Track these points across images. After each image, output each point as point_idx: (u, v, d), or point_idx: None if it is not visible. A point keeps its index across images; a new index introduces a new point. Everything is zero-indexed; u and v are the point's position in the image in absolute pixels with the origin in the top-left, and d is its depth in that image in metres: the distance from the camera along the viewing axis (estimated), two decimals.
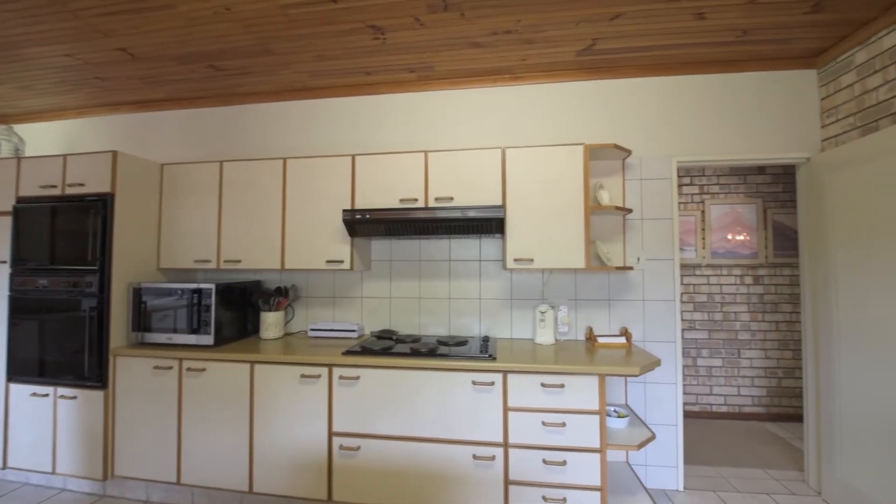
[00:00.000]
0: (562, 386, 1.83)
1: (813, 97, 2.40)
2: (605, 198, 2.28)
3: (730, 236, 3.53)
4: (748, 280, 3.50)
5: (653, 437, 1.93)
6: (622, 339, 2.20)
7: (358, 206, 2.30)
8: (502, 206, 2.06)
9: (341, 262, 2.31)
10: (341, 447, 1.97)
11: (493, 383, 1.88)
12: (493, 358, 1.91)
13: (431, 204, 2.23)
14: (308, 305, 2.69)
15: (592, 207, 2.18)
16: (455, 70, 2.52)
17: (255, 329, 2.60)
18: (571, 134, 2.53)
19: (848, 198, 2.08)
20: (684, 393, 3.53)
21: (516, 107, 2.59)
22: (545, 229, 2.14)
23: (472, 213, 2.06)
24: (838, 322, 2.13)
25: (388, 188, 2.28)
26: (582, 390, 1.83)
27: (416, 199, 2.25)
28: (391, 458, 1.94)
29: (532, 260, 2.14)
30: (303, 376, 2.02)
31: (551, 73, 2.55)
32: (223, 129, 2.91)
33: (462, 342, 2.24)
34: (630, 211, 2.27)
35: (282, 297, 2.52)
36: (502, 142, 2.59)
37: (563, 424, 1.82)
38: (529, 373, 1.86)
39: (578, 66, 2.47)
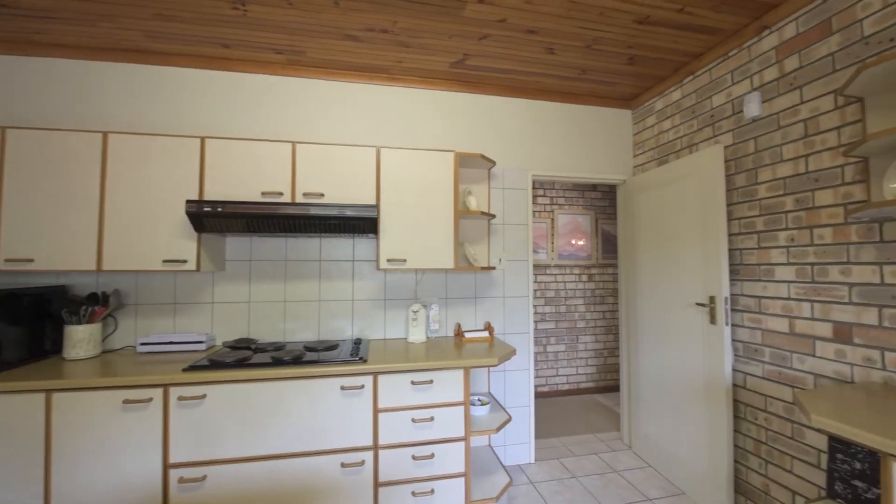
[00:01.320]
0: (430, 382, 1.90)
1: (629, 132, 3.01)
2: (473, 203, 2.45)
3: (573, 241, 4.18)
4: (584, 278, 4.20)
5: (510, 420, 2.16)
6: (485, 333, 2.41)
7: (208, 196, 2.00)
8: (376, 206, 2.04)
9: (184, 261, 1.97)
10: (181, 480, 1.68)
11: (362, 386, 1.84)
12: (363, 360, 1.88)
13: (300, 199, 2.07)
14: (139, 315, 2.22)
15: (461, 211, 2.32)
16: (329, 60, 2.40)
17: (59, 347, 2.03)
18: (443, 140, 2.66)
19: (648, 214, 2.66)
20: (536, 377, 4.05)
21: (393, 108, 2.60)
22: (418, 231, 2.20)
23: (350, 213, 1.99)
24: (641, 309, 2.72)
25: (247, 179, 2.04)
26: (449, 384, 1.93)
27: (281, 193, 2.06)
28: (247, 482, 1.73)
29: (405, 260, 2.17)
30: (126, 402, 1.65)
31: (427, 79, 2.63)
32: (9, 86, 2.20)
33: (332, 346, 2.14)
34: (494, 216, 2.49)
35: (98, 305, 2.02)
36: (377, 141, 2.56)
37: (432, 419, 1.89)
38: (400, 372, 1.88)
39: (452, 77, 2.61)
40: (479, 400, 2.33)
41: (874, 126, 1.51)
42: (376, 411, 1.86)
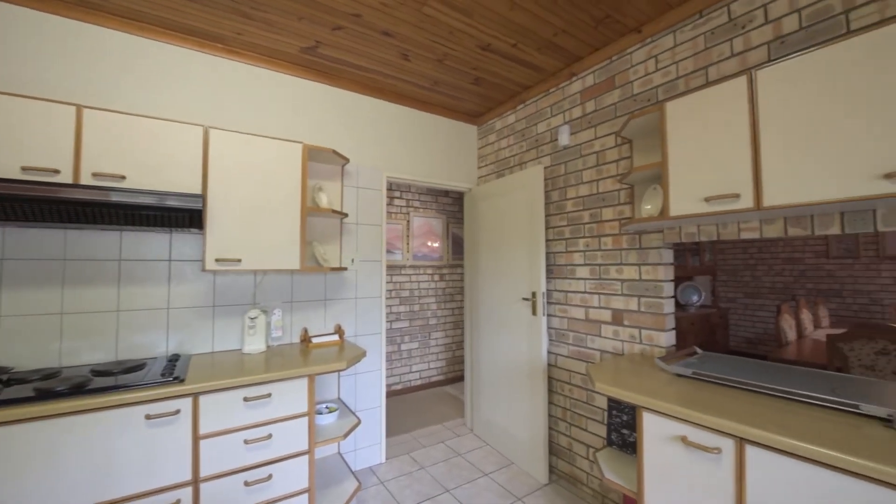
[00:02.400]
0: (268, 395, 1.71)
1: (474, 145, 3.32)
2: (324, 200, 2.33)
3: (427, 243, 4.39)
4: (436, 277, 4.47)
5: (359, 423, 2.12)
6: (335, 337, 2.31)
7: None
8: (202, 196, 1.74)
9: None
10: None
11: (177, 411, 1.53)
12: (179, 380, 1.57)
13: (87, 180, 1.61)
14: None
15: (310, 209, 2.17)
16: (143, 12, 1.94)
17: None
18: (293, 131, 2.45)
19: (488, 220, 2.99)
20: (391, 375, 4.10)
21: (232, 86, 2.27)
22: (258, 227, 1.96)
23: (173, 202, 1.63)
24: (482, 305, 3.03)
25: None
26: (291, 395, 1.78)
27: (56, 171, 1.56)
28: None
29: (240, 260, 1.91)
30: None
31: (274, 60, 2.38)
32: None
33: (136, 367, 1.73)
34: (346, 215, 2.42)
35: None
36: (211, 120, 2.20)
37: (270, 437, 1.71)
38: (229, 389, 1.64)
39: (305, 63, 2.42)
40: (327, 408, 2.21)
41: (638, 162, 2.03)
42: (197, 439, 1.57)
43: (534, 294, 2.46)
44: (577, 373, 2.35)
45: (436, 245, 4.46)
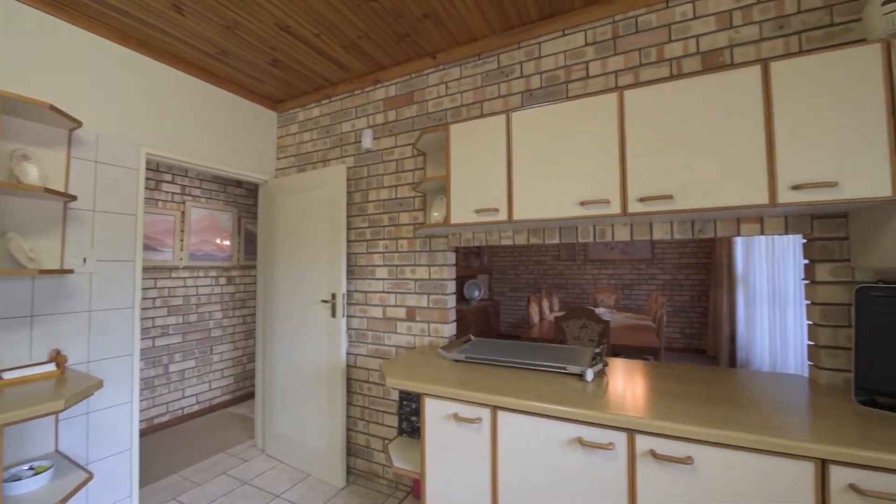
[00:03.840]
0: None
1: (273, 134, 3.01)
2: (33, 174, 1.65)
3: (212, 239, 3.71)
4: (222, 280, 3.83)
5: (89, 479, 1.58)
6: (50, 367, 1.66)
7: None
8: None
9: None
10: None
11: None
12: None
13: None
14: None
15: (5, 184, 1.50)
16: None
17: None
18: None
19: (287, 217, 2.76)
20: (153, 405, 3.27)
21: None
22: None
23: None
24: (278, 309, 2.77)
25: None
26: None
27: None
28: None
29: None
30: None
31: None
32: None
33: None
34: (75, 198, 1.78)
35: None
36: None
37: None
38: None
39: None
40: (31, 468, 1.57)
41: (430, 173, 2.25)
42: None
43: (333, 296, 2.41)
44: (375, 370, 2.43)
45: (224, 243, 3.82)
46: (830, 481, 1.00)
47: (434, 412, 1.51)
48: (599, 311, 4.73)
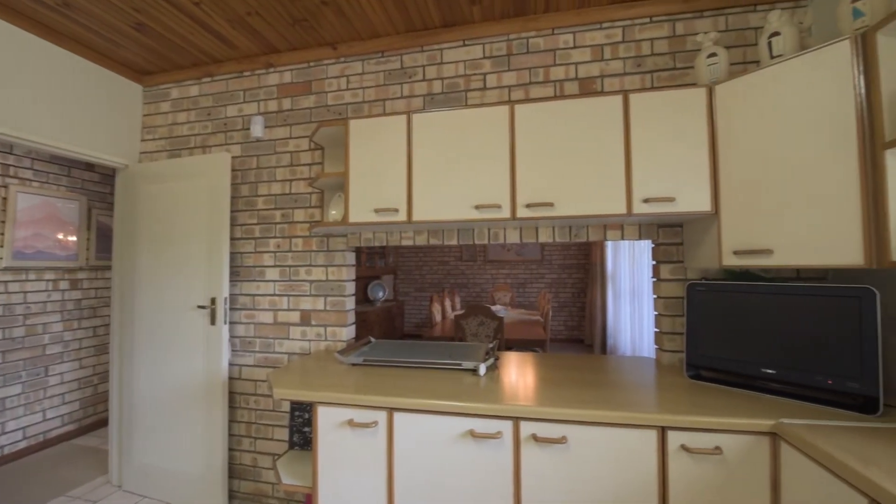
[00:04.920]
0: None
1: (138, 110, 2.56)
2: None
3: (59, 235, 2.99)
4: (64, 285, 3.12)
5: None
6: None
7: None
8: None
9: None
10: None
11: None
12: None
13: None
14: None
15: None
16: None
17: None
18: None
19: (155, 209, 2.37)
20: None
21: None
22: None
23: None
24: (141, 318, 2.35)
25: None
26: None
27: None
28: None
29: None
30: None
31: None
32: None
33: None
34: None
35: None
36: None
37: None
38: None
39: None
40: None
41: (328, 168, 2.14)
42: None
43: (213, 300, 2.14)
44: (264, 381, 2.22)
45: (68, 239, 3.12)
46: (668, 444, 1.21)
47: (327, 420, 1.43)
48: (496, 308, 5.05)
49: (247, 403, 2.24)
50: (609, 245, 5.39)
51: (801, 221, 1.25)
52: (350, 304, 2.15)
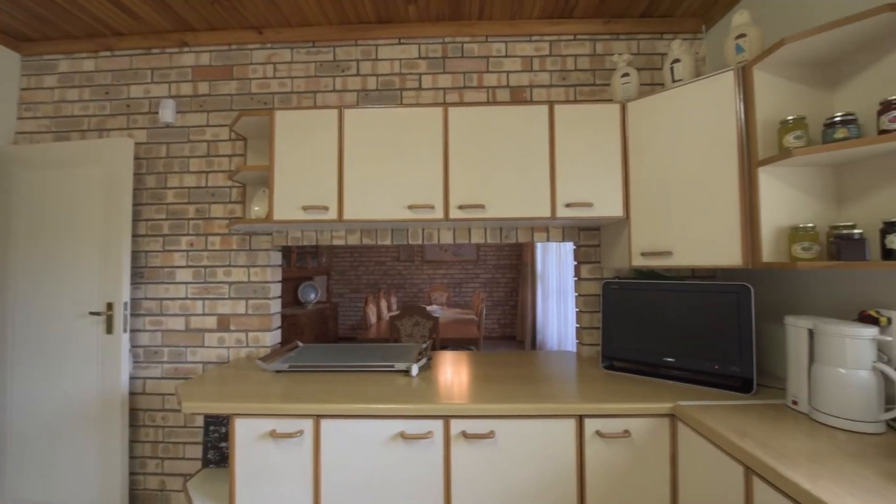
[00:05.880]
0: None
1: (14, 83, 2.16)
2: None
3: None
4: None
5: None
6: None
7: None
8: None
9: None
10: None
11: None
12: None
13: None
14: None
15: None
16: None
17: None
18: None
19: (35, 199, 2.02)
20: None
21: None
22: None
23: None
24: (16, 329, 1.99)
25: None
26: None
27: None
28: None
29: None
30: None
31: None
32: None
33: None
34: None
35: None
36: None
37: None
38: None
39: None
40: None
41: (251, 161, 1.99)
42: None
43: (110, 306, 1.87)
44: (174, 395, 2.00)
45: None
46: (585, 431, 1.30)
47: (246, 433, 1.32)
48: (432, 308, 5.08)
49: (153, 420, 2.00)
50: (539, 246, 5.70)
51: (695, 227, 1.43)
52: (275, 306, 2.02)
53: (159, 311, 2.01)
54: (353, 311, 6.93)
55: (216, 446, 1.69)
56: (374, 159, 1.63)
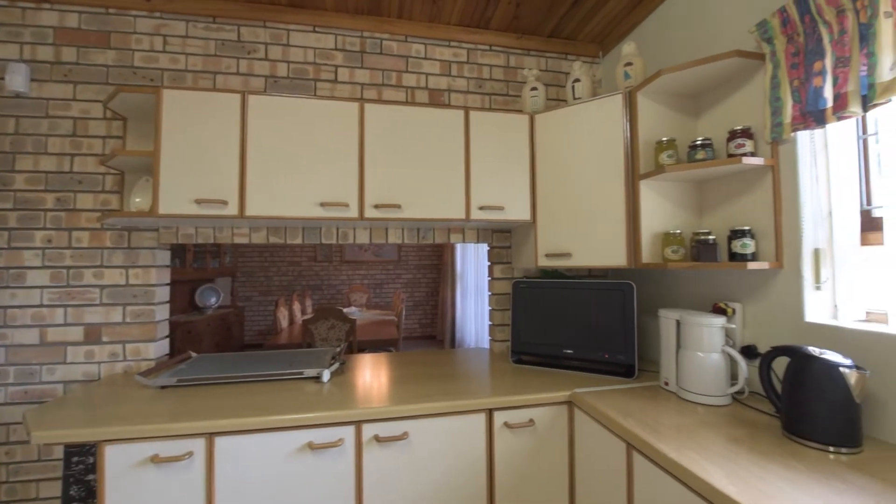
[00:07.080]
0: None
1: None
2: None
3: None
4: None
5: None
6: None
7: None
8: None
9: None
10: None
11: None
12: None
13: None
14: None
15: None
16: None
17: None
18: None
19: None
20: None
21: None
22: None
23: None
24: None
25: None
26: None
27: None
28: None
29: None
30: None
31: None
32: None
33: None
34: None
35: None
36: None
37: None
38: None
39: None
40: None
41: (132, 145, 1.72)
42: None
43: None
44: (21, 424, 1.64)
45: None
46: (494, 423, 1.36)
47: (119, 461, 1.14)
48: (350, 310, 4.92)
49: None
50: (458, 247, 5.85)
51: (589, 231, 1.59)
52: (161, 313, 1.77)
53: (3, 322, 1.63)
54: (263, 316, 6.41)
55: (81, 480, 1.43)
56: (283, 152, 1.52)
